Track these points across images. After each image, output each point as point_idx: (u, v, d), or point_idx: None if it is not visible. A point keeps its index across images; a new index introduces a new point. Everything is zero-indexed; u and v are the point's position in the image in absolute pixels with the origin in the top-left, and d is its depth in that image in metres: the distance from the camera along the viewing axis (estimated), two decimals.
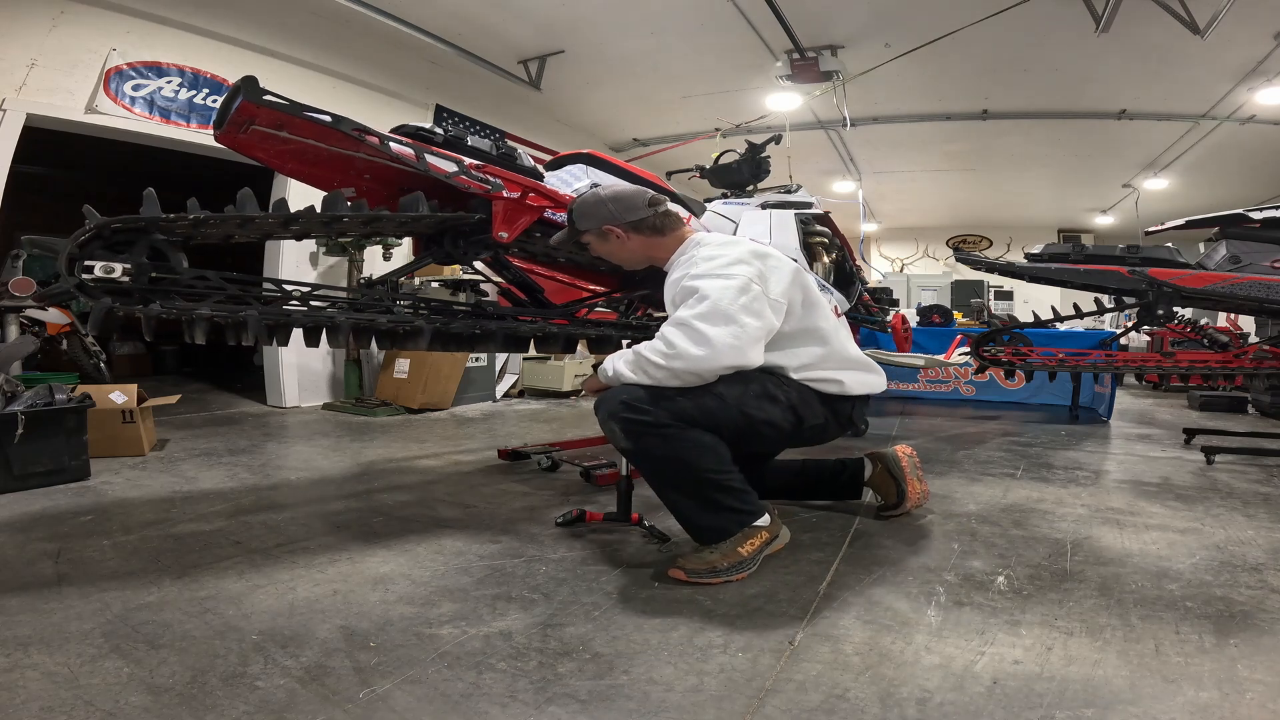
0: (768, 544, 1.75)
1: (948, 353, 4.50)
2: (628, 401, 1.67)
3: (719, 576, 1.65)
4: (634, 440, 1.69)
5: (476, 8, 5.18)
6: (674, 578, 1.67)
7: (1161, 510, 2.35)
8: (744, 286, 1.69)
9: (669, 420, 1.66)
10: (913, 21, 5.10)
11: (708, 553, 1.68)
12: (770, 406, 1.79)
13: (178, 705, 1.10)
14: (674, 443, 1.67)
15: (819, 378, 1.88)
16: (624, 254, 1.97)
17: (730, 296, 1.66)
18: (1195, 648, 1.33)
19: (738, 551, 1.68)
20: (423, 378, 4.82)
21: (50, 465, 2.49)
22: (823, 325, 1.89)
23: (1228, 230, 3.18)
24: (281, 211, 1.75)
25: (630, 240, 1.92)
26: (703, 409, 1.69)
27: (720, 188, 3.72)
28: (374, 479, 2.76)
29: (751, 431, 1.79)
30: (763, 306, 1.71)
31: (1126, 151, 7.92)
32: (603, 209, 1.91)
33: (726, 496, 1.71)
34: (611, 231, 1.91)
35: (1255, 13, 4.69)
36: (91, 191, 3.78)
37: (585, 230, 1.95)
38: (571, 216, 1.97)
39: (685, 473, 1.70)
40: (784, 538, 1.84)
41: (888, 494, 2.21)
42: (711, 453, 1.71)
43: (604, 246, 1.97)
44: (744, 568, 1.68)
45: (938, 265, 12.37)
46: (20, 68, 3.90)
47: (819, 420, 1.91)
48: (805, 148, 7.30)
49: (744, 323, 1.66)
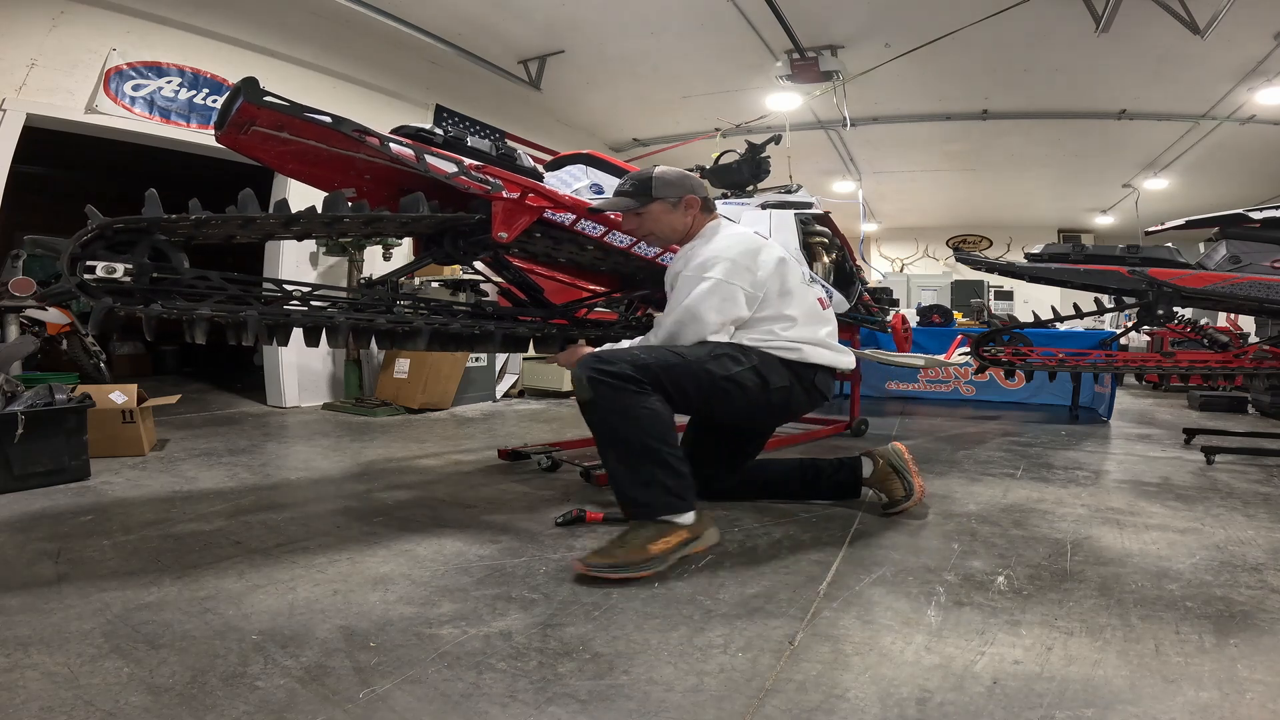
0: (686, 544, 1.74)
1: (948, 353, 4.49)
2: (600, 354, 1.85)
3: (619, 572, 1.62)
4: (594, 389, 1.76)
5: (476, 8, 5.18)
6: (576, 570, 1.66)
7: (1161, 510, 2.35)
8: (714, 288, 1.95)
9: (632, 375, 1.77)
10: (913, 21, 5.10)
11: (613, 547, 1.68)
12: (732, 365, 1.96)
13: (178, 705, 1.10)
14: (629, 400, 1.76)
15: (778, 345, 2.03)
16: (675, 227, 2.13)
17: (701, 297, 1.95)
18: (1195, 648, 1.33)
19: (647, 549, 1.67)
20: (423, 378, 4.82)
21: (50, 465, 2.49)
22: (791, 312, 2.05)
23: (1228, 230, 3.18)
24: (284, 212, 1.75)
25: (691, 215, 2.13)
26: (665, 364, 1.84)
27: (720, 188, 3.72)
28: (374, 479, 2.76)
29: (715, 389, 1.93)
30: (729, 305, 1.96)
31: (1126, 151, 7.92)
32: (687, 182, 2.13)
33: (662, 472, 1.75)
34: (690, 202, 2.11)
35: (1255, 13, 4.69)
36: (91, 191, 3.77)
37: (662, 199, 2.09)
38: (649, 184, 2.09)
39: (630, 434, 1.75)
40: (709, 539, 1.82)
41: (892, 491, 2.21)
42: (660, 422, 1.78)
43: (665, 217, 2.11)
44: (650, 566, 1.65)
45: (938, 265, 12.37)
46: (20, 68, 3.90)
47: (784, 382, 2.04)
48: (805, 148, 7.30)
49: (709, 320, 1.95)
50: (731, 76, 6.30)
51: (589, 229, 2.27)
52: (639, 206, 2.10)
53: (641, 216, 2.12)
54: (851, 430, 4.00)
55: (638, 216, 2.12)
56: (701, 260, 1.98)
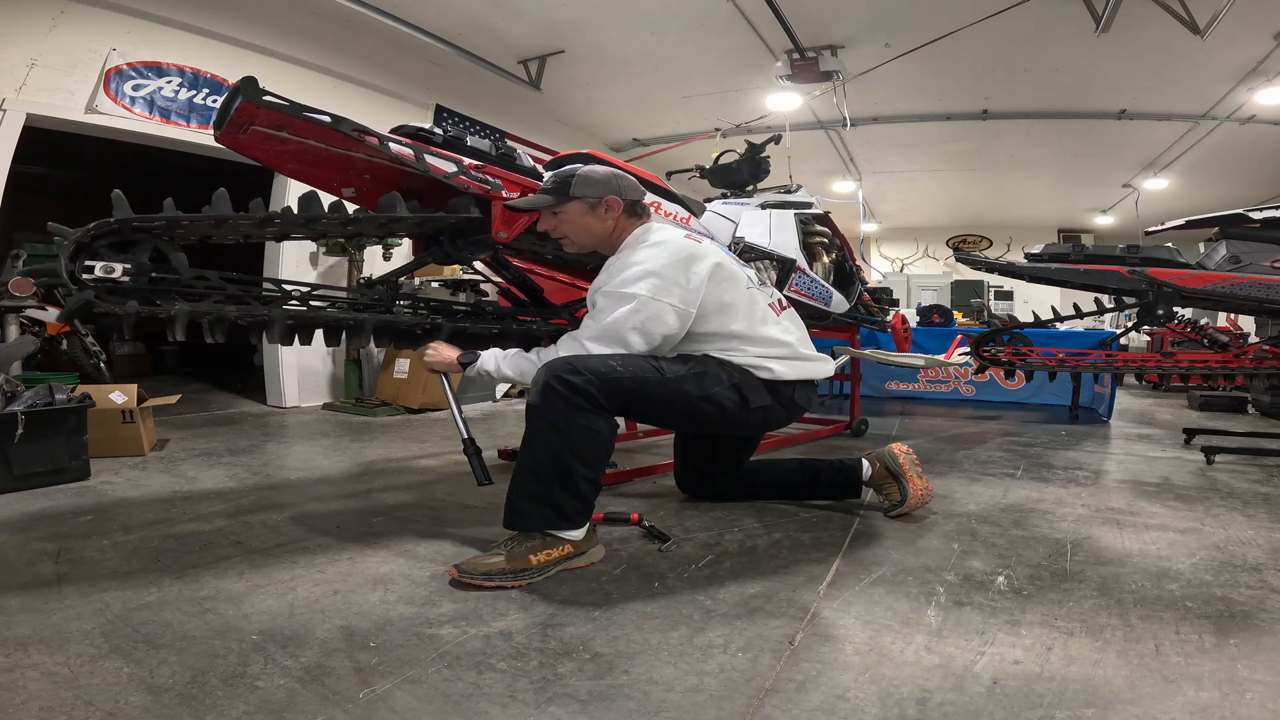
0: (568, 558, 1.69)
1: (948, 353, 4.49)
2: (571, 362, 1.71)
3: (492, 580, 1.58)
4: (543, 396, 1.67)
5: (476, 8, 5.18)
6: (450, 575, 1.63)
7: (1161, 510, 2.35)
8: (638, 308, 1.78)
9: (591, 392, 1.66)
10: (913, 21, 5.10)
11: (492, 555, 1.64)
12: (712, 384, 1.86)
13: (178, 705, 1.10)
14: (575, 415, 1.66)
15: (748, 364, 1.92)
16: (591, 231, 1.95)
17: (623, 318, 1.78)
18: (1195, 648, 1.33)
19: (526, 558, 1.62)
20: (423, 378, 4.82)
21: (50, 465, 2.49)
22: (736, 327, 1.92)
23: (1228, 230, 3.18)
24: (258, 212, 1.76)
25: (611, 219, 1.94)
26: (640, 380, 1.75)
27: (720, 188, 3.71)
28: (374, 479, 2.76)
29: (691, 409, 1.85)
30: (654, 325, 1.80)
31: (1126, 151, 7.92)
32: (613, 183, 1.93)
33: (563, 494, 1.66)
34: (611, 203, 1.92)
35: (1255, 13, 4.69)
36: (91, 191, 3.77)
37: (578, 198, 1.90)
38: (566, 182, 1.91)
39: (554, 449, 1.66)
40: (594, 555, 1.77)
41: (889, 494, 2.21)
42: (596, 444, 1.69)
43: (580, 219, 1.92)
44: (525, 576, 1.61)
45: (938, 265, 12.37)
46: (20, 68, 3.90)
47: (764, 401, 1.94)
48: (805, 148, 7.30)
49: (631, 343, 1.79)
50: (731, 76, 6.30)
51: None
52: (555, 204, 1.93)
53: (558, 216, 1.94)
54: (851, 430, 4.00)
55: (554, 215, 1.95)
56: (624, 275, 1.81)
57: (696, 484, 2.38)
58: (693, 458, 2.36)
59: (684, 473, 2.38)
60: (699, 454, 2.34)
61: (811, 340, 2.20)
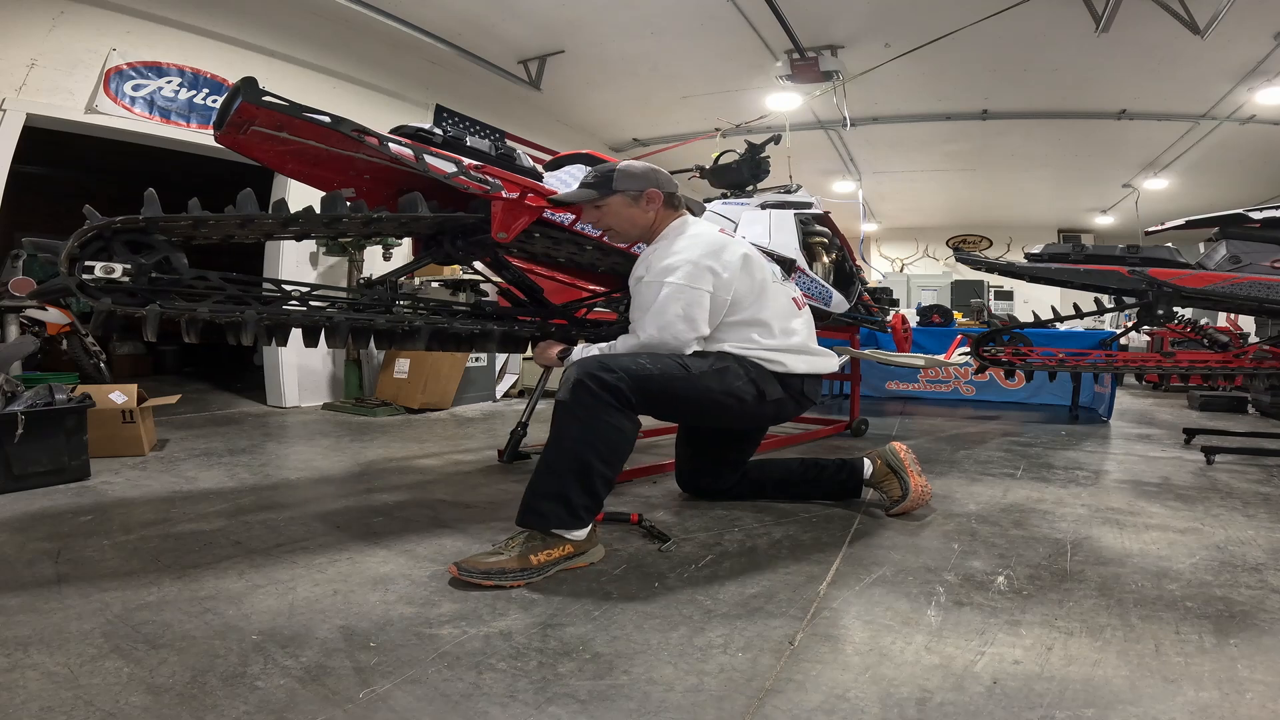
0: (568, 558, 1.70)
1: (948, 353, 4.49)
2: (603, 361, 1.78)
3: (492, 579, 1.59)
4: (573, 393, 1.71)
5: (476, 8, 5.18)
6: (450, 574, 1.63)
7: (1161, 510, 2.35)
8: (678, 294, 1.88)
9: (622, 390, 1.72)
10: (912, 21, 5.10)
11: (492, 554, 1.65)
12: (734, 379, 1.94)
13: (178, 705, 1.10)
14: (602, 412, 1.70)
15: (760, 356, 2.00)
16: (636, 222, 2.05)
17: (666, 304, 1.88)
18: (1195, 648, 1.33)
19: (527, 558, 1.63)
20: (423, 378, 4.82)
21: (50, 465, 2.48)
22: (764, 316, 2.02)
23: (1228, 230, 3.18)
24: (283, 212, 1.75)
25: (653, 210, 2.04)
26: (668, 378, 1.83)
27: (720, 188, 3.71)
28: (374, 479, 2.76)
29: (715, 404, 1.92)
30: (697, 311, 1.89)
31: (1126, 151, 7.92)
32: (651, 176, 2.03)
33: (579, 492, 1.68)
34: (652, 196, 2.02)
35: (1255, 13, 4.69)
36: (91, 191, 3.78)
37: (621, 191, 2.00)
38: (608, 176, 2.01)
39: (577, 446, 1.69)
40: (594, 555, 1.77)
41: (890, 491, 2.22)
42: (620, 443, 1.74)
43: (625, 211, 2.02)
44: (525, 575, 1.61)
45: (938, 265, 12.37)
46: (20, 68, 3.90)
47: (778, 394, 2.03)
48: (805, 148, 7.30)
49: (678, 331, 1.89)
50: (731, 76, 6.30)
51: (588, 229, 2.27)
52: (599, 198, 2.02)
53: (601, 209, 2.04)
54: (851, 430, 4.01)
55: (597, 209, 2.04)
56: (663, 265, 1.91)
57: (698, 482, 2.38)
58: (695, 456, 2.36)
59: (686, 471, 2.39)
60: (701, 452, 2.35)
61: None
